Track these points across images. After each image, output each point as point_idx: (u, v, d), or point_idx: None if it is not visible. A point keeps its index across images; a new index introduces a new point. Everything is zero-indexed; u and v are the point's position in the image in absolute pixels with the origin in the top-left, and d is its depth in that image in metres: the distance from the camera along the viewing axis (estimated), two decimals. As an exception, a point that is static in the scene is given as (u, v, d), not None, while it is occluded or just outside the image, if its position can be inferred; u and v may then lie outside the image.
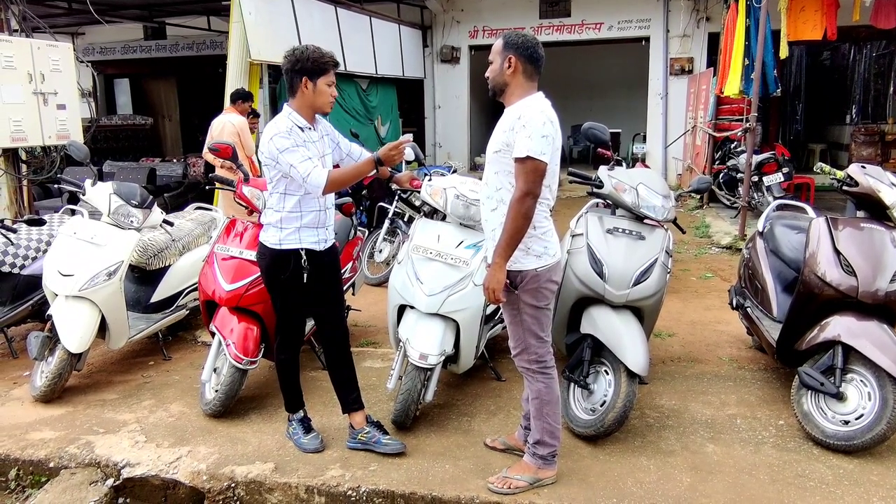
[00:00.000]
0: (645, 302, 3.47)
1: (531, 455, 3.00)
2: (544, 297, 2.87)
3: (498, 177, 2.83)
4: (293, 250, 3.17)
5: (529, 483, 2.96)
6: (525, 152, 2.64)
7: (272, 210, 3.19)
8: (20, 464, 3.40)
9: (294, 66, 3.09)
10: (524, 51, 2.76)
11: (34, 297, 4.79)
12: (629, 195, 3.56)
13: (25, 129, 6.30)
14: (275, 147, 3.02)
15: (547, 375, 2.94)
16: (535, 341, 2.90)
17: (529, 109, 2.71)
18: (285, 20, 8.90)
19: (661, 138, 12.47)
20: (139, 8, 12.60)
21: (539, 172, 2.67)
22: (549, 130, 2.69)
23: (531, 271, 2.81)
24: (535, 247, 2.81)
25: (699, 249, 7.70)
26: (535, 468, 2.99)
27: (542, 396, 2.95)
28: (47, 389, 3.93)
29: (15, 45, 6.23)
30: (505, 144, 2.76)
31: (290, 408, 3.48)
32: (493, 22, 13.17)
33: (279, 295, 3.29)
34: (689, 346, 4.69)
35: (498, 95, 2.86)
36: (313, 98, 3.12)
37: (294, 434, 3.41)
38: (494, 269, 2.73)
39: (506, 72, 2.78)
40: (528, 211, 2.68)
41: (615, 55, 14.81)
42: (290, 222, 3.16)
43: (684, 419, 3.61)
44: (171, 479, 3.20)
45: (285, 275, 3.19)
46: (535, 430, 2.98)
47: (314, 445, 3.34)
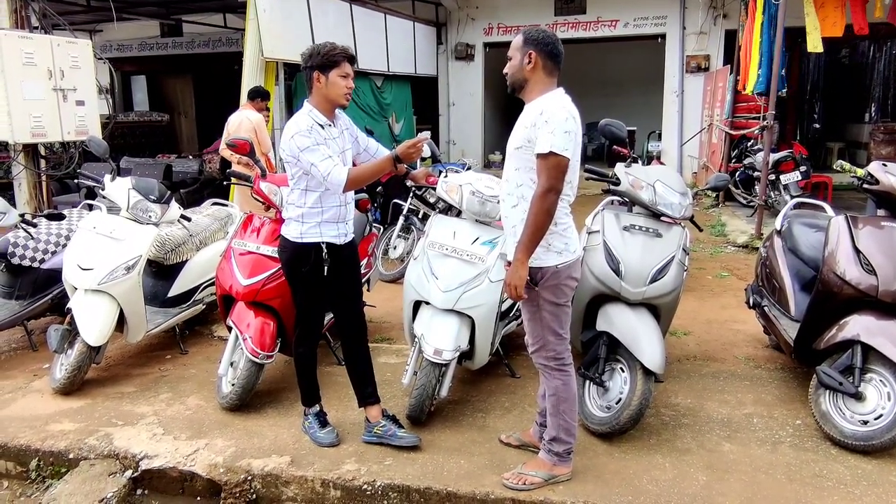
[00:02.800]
0: (661, 300, 3.45)
1: (547, 452, 3.01)
2: (564, 293, 2.86)
3: (519, 173, 2.82)
4: (314, 244, 3.22)
5: (544, 479, 2.96)
6: (548, 148, 2.64)
7: (293, 205, 3.24)
8: (41, 454, 3.44)
9: (307, 62, 3.17)
10: (544, 46, 2.76)
11: (54, 290, 4.85)
12: (646, 192, 3.55)
13: (45, 125, 6.36)
14: (296, 145, 3.08)
15: (564, 372, 2.94)
16: (554, 338, 2.89)
17: (552, 105, 2.71)
18: (299, 18, 8.93)
19: (676, 136, 12.40)
20: (156, 5, 12.68)
21: (561, 168, 2.67)
22: (572, 126, 2.69)
23: (552, 268, 2.80)
24: (556, 243, 2.81)
25: (715, 248, 7.65)
26: (550, 465, 2.99)
27: (559, 393, 2.94)
28: (67, 382, 3.97)
29: (35, 42, 6.30)
30: (526, 140, 2.74)
31: (306, 402, 3.50)
32: (507, 19, 13.14)
33: (300, 288, 3.33)
34: (704, 345, 4.66)
35: (517, 91, 2.86)
36: (327, 91, 3.16)
37: (310, 428, 3.43)
38: (517, 265, 2.72)
39: (525, 68, 2.78)
40: (551, 207, 2.68)
41: (630, 52, 14.72)
42: (311, 217, 3.21)
43: (700, 418, 3.60)
44: (188, 472, 3.23)
45: (306, 268, 3.23)
46: (552, 427, 2.98)
47: (330, 439, 3.36)
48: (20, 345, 4.93)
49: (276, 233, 3.85)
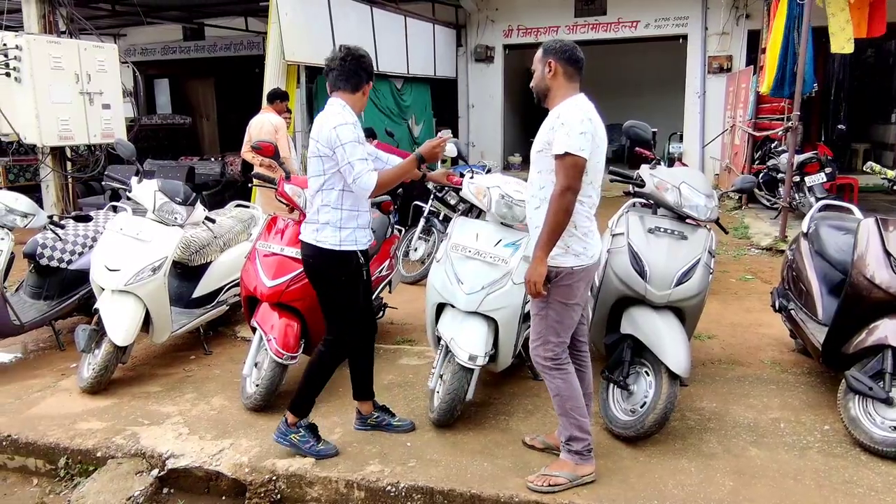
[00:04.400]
0: (687, 302, 3.42)
1: (567, 452, 3.02)
2: (574, 295, 2.91)
3: (541, 176, 2.89)
4: (352, 251, 3.14)
5: (569, 480, 2.95)
6: (564, 149, 2.72)
7: (329, 207, 3.08)
8: (69, 452, 3.49)
9: (368, 66, 3.16)
10: (562, 54, 2.86)
11: (81, 291, 4.93)
12: (671, 194, 3.52)
13: (72, 129, 6.48)
14: (337, 137, 2.96)
15: (563, 371, 2.97)
16: (555, 338, 2.94)
17: (568, 108, 2.80)
18: (321, 21, 8.99)
19: (698, 137, 12.29)
20: (179, 9, 12.85)
21: (578, 168, 2.73)
22: (588, 127, 2.75)
23: (567, 269, 2.86)
24: (575, 246, 2.87)
25: (738, 250, 7.57)
26: (573, 464, 2.99)
27: (562, 393, 2.97)
28: (94, 381, 4.03)
29: (63, 47, 6.42)
30: (546, 143, 2.83)
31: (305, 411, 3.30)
32: (527, 21, 13.12)
33: (341, 295, 3.20)
34: (729, 349, 4.61)
35: (542, 101, 2.95)
36: (363, 100, 3.21)
37: (304, 443, 3.25)
38: (536, 262, 2.78)
39: (547, 76, 2.88)
40: (569, 206, 2.74)
41: (651, 53, 14.63)
42: (349, 222, 3.11)
43: (726, 422, 3.56)
44: (214, 471, 3.26)
45: (345, 277, 3.17)
46: (565, 428, 3.01)
47: (335, 449, 3.29)
48: (48, 344, 5.01)
49: (298, 235, 3.87)
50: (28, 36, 6.24)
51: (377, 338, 4.88)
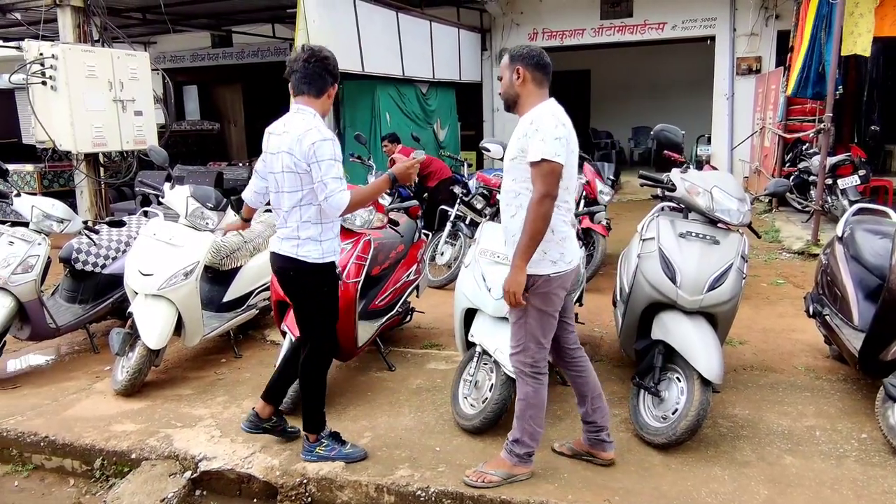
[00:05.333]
0: (719, 308, 3.38)
1: (508, 452, 3.05)
2: (552, 302, 2.90)
3: (515, 183, 2.88)
4: (332, 263, 3.15)
5: (503, 478, 3.00)
6: (540, 155, 2.71)
7: (310, 223, 3.05)
8: (104, 454, 3.55)
9: (333, 69, 3.05)
10: (529, 60, 2.85)
11: (114, 295, 5.03)
12: (703, 198, 3.48)
13: (105, 135, 6.61)
14: (315, 153, 2.91)
15: (537, 380, 2.97)
16: (535, 345, 2.92)
17: (540, 114, 2.79)
18: (347, 27, 9.06)
19: (726, 140, 12.13)
20: (208, 17, 13.04)
21: (555, 174, 2.73)
22: (562, 132, 2.75)
23: (544, 276, 2.85)
24: (552, 252, 2.85)
25: (769, 255, 7.45)
26: (510, 465, 3.03)
27: (528, 399, 2.99)
28: (128, 384, 4.10)
29: (97, 55, 6.56)
30: (520, 151, 2.81)
31: (321, 425, 3.30)
32: (552, 24, 13.07)
33: (325, 307, 3.21)
34: (762, 355, 4.54)
35: (512, 108, 2.95)
36: (328, 104, 3.13)
37: (331, 450, 3.25)
38: (514, 271, 2.78)
39: (515, 83, 2.87)
40: (547, 212, 2.74)
41: (678, 55, 14.48)
42: (328, 234, 3.11)
43: (759, 430, 3.50)
44: (246, 474, 3.29)
45: (327, 287, 3.19)
46: (516, 430, 3.03)
47: (363, 452, 3.29)
48: (82, 347, 5.11)
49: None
50: (64, 45, 6.39)
51: (404, 342, 4.96)
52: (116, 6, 9.26)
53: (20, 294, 4.42)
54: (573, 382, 3.19)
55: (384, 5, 9.97)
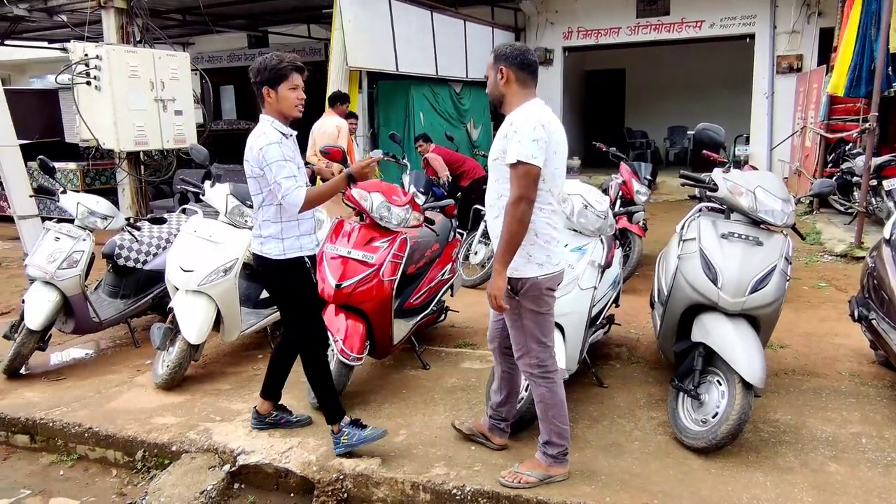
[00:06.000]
0: (762, 310, 3.31)
1: (542, 453, 3.04)
2: (545, 303, 2.90)
3: (498, 184, 2.87)
4: (299, 258, 3.24)
5: (539, 479, 2.99)
6: (516, 157, 2.68)
7: (269, 222, 3.20)
8: (146, 446, 3.62)
9: (255, 78, 3.17)
10: (513, 59, 2.82)
11: (155, 290, 5.12)
12: (746, 199, 3.41)
13: (147, 134, 6.75)
14: (264, 157, 3.05)
15: (549, 380, 2.96)
16: (537, 346, 2.92)
17: (520, 115, 2.76)
18: (382, 27, 9.11)
19: (766, 140, 11.89)
20: (245, 18, 13.23)
21: (531, 176, 2.69)
22: (540, 134, 2.70)
23: (532, 279, 2.83)
24: (538, 255, 2.84)
25: (810, 257, 7.28)
26: (545, 466, 3.02)
27: (545, 400, 2.98)
28: (168, 378, 4.18)
29: (139, 56, 6.70)
30: (501, 151, 2.80)
31: (338, 415, 3.35)
32: (587, 23, 12.97)
33: (295, 300, 3.32)
34: (803, 359, 4.44)
35: (499, 108, 2.94)
36: (278, 105, 3.18)
37: (352, 437, 3.30)
38: (495, 276, 2.76)
39: (500, 83, 2.85)
40: (523, 215, 2.71)
41: (716, 53, 14.25)
42: (290, 231, 3.21)
43: (802, 435, 3.42)
44: (283, 468, 3.32)
45: (296, 282, 3.27)
46: (544, 432, 3.03)
47: (380, 431, 3.35)
48: (124, 341, 5.22)
49: (366, 238, 3.93)
50: (108, 46, 6.54)
51: (438, 340, 4.97)
52: (157, 8, 9.46)
53: (65, 288, 4.54)
54: (502, 373, 3.24)
55: (419, 5, 10.00)
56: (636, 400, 3.89)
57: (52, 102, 14.57)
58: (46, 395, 4.23)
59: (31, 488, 3.53)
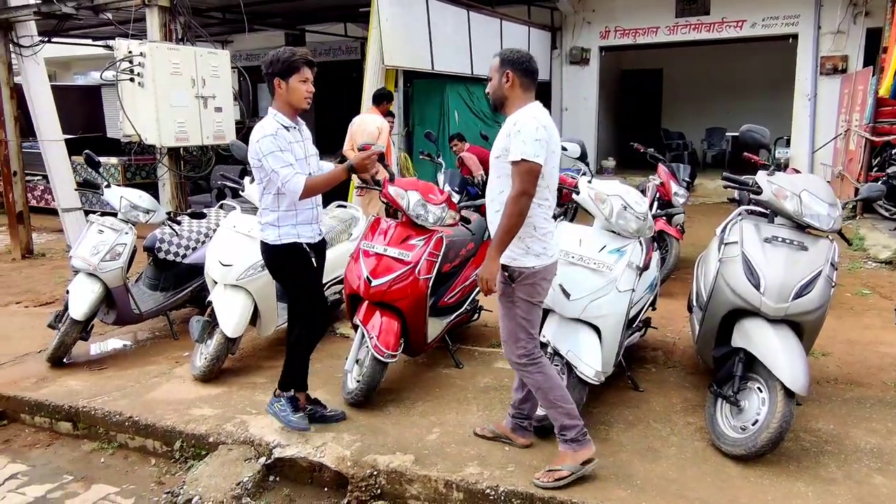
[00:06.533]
0: (806, 317, 3.23)
1: (563, 442, 3.08)
2: (538, 293, 3.04)
3: (500, 180, 3.02)
4: (294, 243, 3.40)
5: (572, 471, 3.00)
6: (519, 155, 2.84)
7: (268, 210, 3.38)
8: (184, 436, 3.69)
9: (268, 69, 3.31)
10: (519, 65, 2.99)
11: (193, 284, 5.22)
12: (791, 202, 3.33)
13: (188, 130, 6.86)
14: (260, 149, 3.23)
15: (538, 365, 3.07)
16: (525, 336, 3.05)
17: (523, 116, 2.93)
18: (419, 26, 9.12)
19: (807, 142, 11.62)
20: (283, 16, 13.38)
21: (533, 174, 2.86)
22: (543, 135, 2.88)
23: (529, 268, 2.99)
24: (535, 247, 2.99)
25: (853, 263, 7.09)
26: (571, 453, 3.05)
27: (542, 386, 3.06)
28: (206, 370, 4.25)
29: (181, 53, 6.81)
30: (504, 150, 2.95)
31: (285, 386, 3.59)
32: (625, 22, 12.82)
33: (292, 282, 3.53)
34: (846, 367, 4.33)
35: (499, 108, 3.09)
36: (288, 96, 3.32)
37: (281, 411, 3.53)
38: (489, 261, 2.93)
39: (504, 86, 3.01)
40: (523, 209, 2.88)
41: (756, 54, 13.97)
42: (286, 220, 3.37)
43: (845, 446, 3.34)
44: (317, 462, 3.35)
45: (292, 264, 3.44)
46: (555, 418, 3.09)
47: (304, 424, 3.53)
48: (162, 333, 5.32)
49: (402, 236, 3.94)
50: (151, 44, 6.65)
51: (472, 339, 4.96)
52: (198, 6, 9.60)
53: (108, 280, 4.65)
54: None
55: (456, 4, 10.00)
56: (672, 405, 3.84)
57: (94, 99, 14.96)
58: (89, 383, 4.33)
59: (74, 474, 3.62)
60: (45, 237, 9.29)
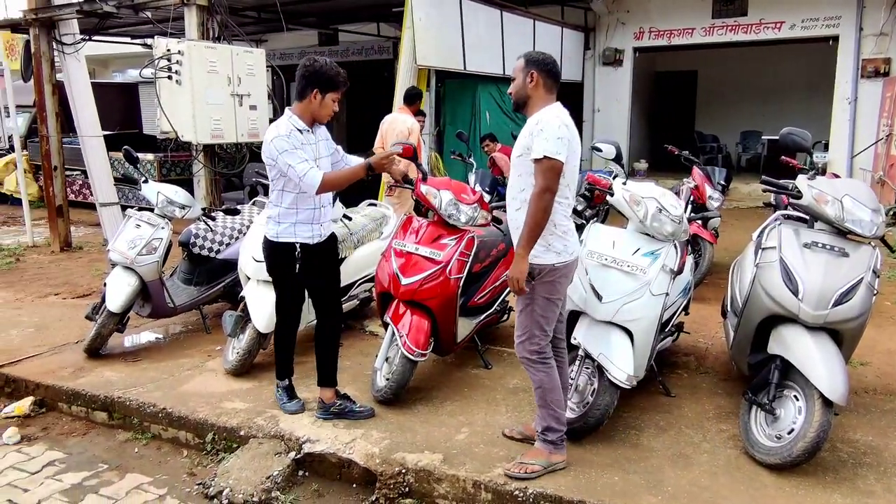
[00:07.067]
0: (846, 325, 3.16)
1: (542, 441, 3.17)
2: (557, 290, 3.09)
3: (521, 179, 3.07)
4: (288, 243, 3.52)
5: (543, 467, 3.10)
6: (542, 153, 2.90)
7: (272, 204, 3.56)
8: (215, 429, 3.74)
9: (310, 75, 3.40)
10: (543, 66, 3.05)
11: (226, 279, 5.29)
12: (832, 207, 3.26)
13: (223, 128, 6.95)
14: (274, 148, 3.35)
15: (547, 365, 3.12)
16: (540, 333, 3.09)
17: (546, 115, 2.99)
18: (452, 26, 9.12)
19: (846, 147, 11.35)
20: (317, 16, 13.50)
21: (556, 171, 2.92)
22: (565, 133, 2.93)
23: (549, 265, 3.04)
24: (556, 244, 3.04)
25: (893, 271, 6.90)
26: (547, 453, 3.14)
27: (544, 385, 3.12)
28: (238, 364, 4.30)
29: (218, 52, 6.90)
30: (526, 149, 3.01)
31: (279, 375, 3.86)
32: (660, 23, 12.67)
33: (277, 280, 3.71)
34: (886, 378, 4.22)
35: (521, 108, 3.15)
36: (318, 109, 3.46)
37: (280, 398, 3.83)
38: (518, 260, 2.96)
39: (528, 86, 3.07)
40: (547, 206, 2.93)
41: (794, 56, 13.71)
42: (286, 217, 3.50)
43: (885, 458, 3.26)
44: (346, 459, 3.37)
45: (281, 264, 3.60)
46: (542, 418, 3.16)
47: (297, 408, 3.76)
48: (195, 327, 5.40)
49: (434, 235, 3.95)
50: (189, 42, 6.76)
51: (501, 340, 4.95)
52: (235, 5, 9.74)
53: (144, 274, 4.73)
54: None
55: (489, 4, 9.98)
56: (705, 411, 3.78)
57: (131, 96, 15.27)
58: (124, 374, 4.42)
59: (109, 463, 3.69)
60: (82, 231, 9.50)
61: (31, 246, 8.53)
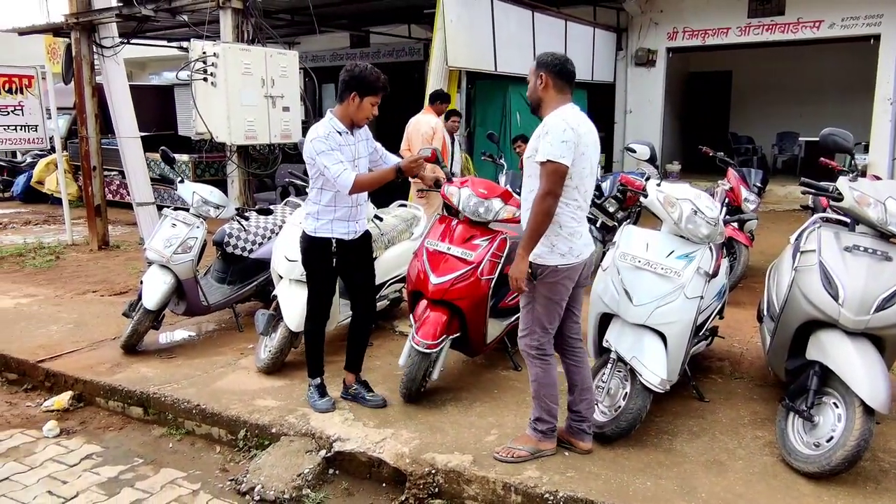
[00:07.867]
0: (889, 331, 3.08)
1: (532, 429, 3.28)
2: (559, 292, 3.11)
3: (530, 180, 3.09)
4: (325, 239, 3.65)
5: (531, 453, 3.22)
6: (546, 156, 2.92)
7: (311, 202, 3.69)
8: (248, 426, 3.79)
9: (350, 79, 3.51)
10: (553, 67, 3.05)
11: (259, 278, 5.36)
12: (875, 210, 3.17)
13: (257, 129, 7.04)
14: (313, 149, 3.48)
15: (545, 361, 3.19)
16: (541, 330, 3.14)
17: (553, 118, 2.99)
18: (483, 26, 9.11)
19: (888, 149, 11.05)
20: (349, 18, 13.61)
21: (559, 174, 2.93)
22: (570, 136, 2.93)
23: (552, 267, 3.06)
24: (561, 246, 3.06)
25: (936, 276, 6.70)
26: (535, 440, 3.26)
27: (539, 380, 3.21)
28: (270, 362, 4.35)
29: (252, 54, 7.00)
30: (534, 150, 3.03)
31: (310, 374, 3.93)
32: (694, 23, 12.48)
33: (312, 274, 3.80)
34: (930, 386, 4.09)
35: (536, 111, 3.16)
36: (355, 111, 3.56)
37: (311, 397, 3.90)
38: (518, 260, 3.00)
39: (538, 88, 3.09)
40: (549, 209, 2.95)
41: (832, 55, 13.38)
42: (325, 214, 3.64)
43: (928, 469, 3.16)
44: (376, 458, 3.39)
45: (317, 258, 3.71)
46: (535, 409, 3.26)
47: (327, 406, 3.82)
48: (228, 325, 5.48)
49: (466, 235, 3.94)
50: (224, 44, 6.87)
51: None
52: (268, 8, 9.87)
53: (179, 272, 4.81)
54: (567, 371, 3.36)
55: (521, 4, 9.95)
56: (740, 417, 3.71)
57: (167, 98, 15.55)
58: (159, 371, 4.50)
59: (144, 457, 3.76)
60: (119, 230, 9.71)
61: (71, 244, 8.75)
